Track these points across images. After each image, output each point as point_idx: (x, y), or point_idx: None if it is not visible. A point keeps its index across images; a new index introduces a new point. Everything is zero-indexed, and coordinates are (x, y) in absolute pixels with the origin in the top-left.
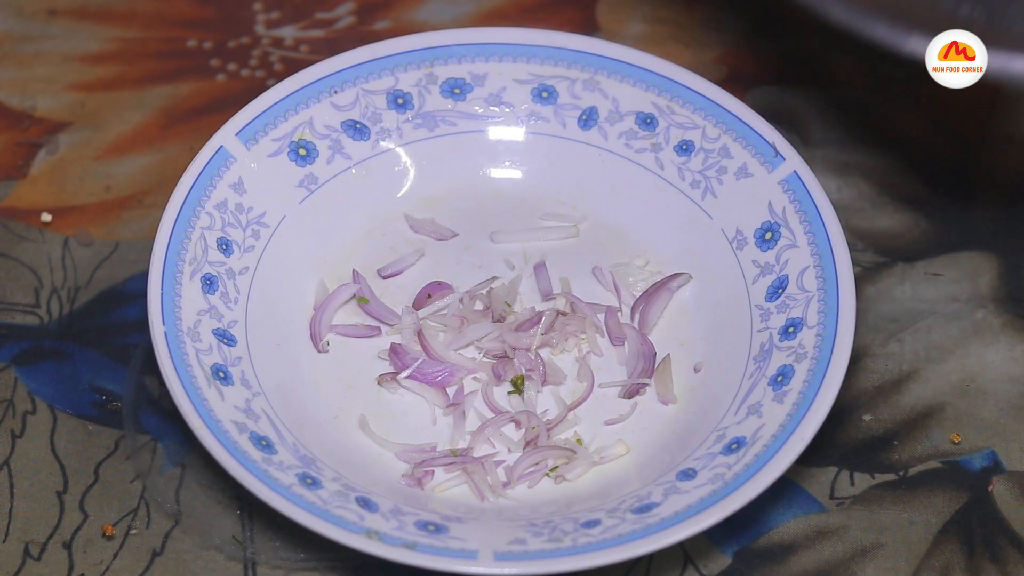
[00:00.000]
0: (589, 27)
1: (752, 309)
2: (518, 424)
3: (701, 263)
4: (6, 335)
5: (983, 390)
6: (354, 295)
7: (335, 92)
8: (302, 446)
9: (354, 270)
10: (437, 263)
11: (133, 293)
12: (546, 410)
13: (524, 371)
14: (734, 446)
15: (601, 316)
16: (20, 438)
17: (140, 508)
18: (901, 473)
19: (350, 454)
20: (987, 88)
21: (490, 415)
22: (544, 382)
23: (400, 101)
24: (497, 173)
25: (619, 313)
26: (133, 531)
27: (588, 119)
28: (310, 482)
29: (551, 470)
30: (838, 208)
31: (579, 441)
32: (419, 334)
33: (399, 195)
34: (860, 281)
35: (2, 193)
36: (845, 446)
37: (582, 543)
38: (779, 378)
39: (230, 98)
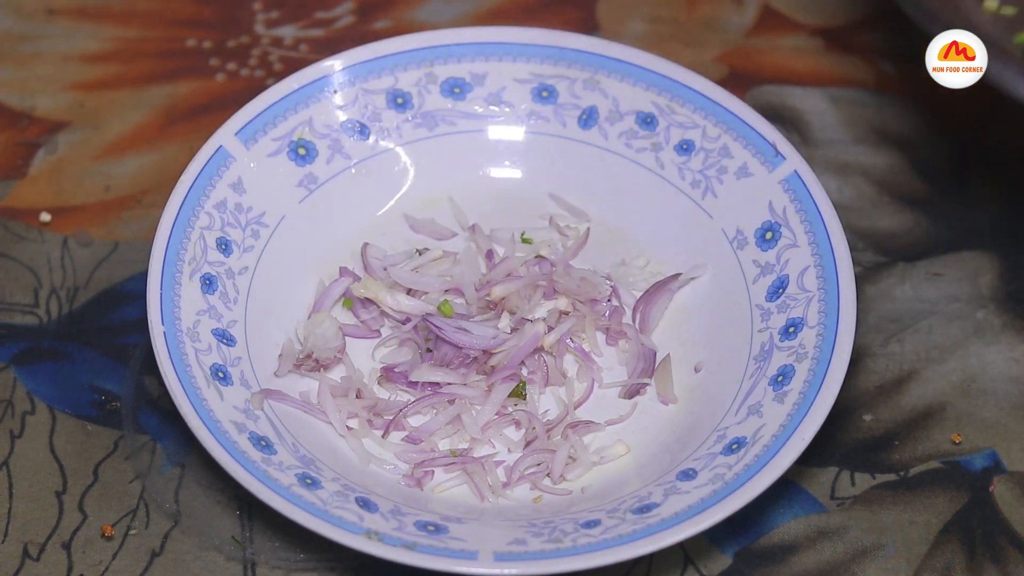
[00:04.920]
0: (589, 27)
1: (752, 309)
2: (518, 425)
3: (701, 263)
4: (5, 335)
5: (984, 390)
6: (344, 294)
7: (335, 92)
8: (301, 446)
9: (342, 267)
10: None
11: (132, 293)
12: (547, 410)
13: (527, 374)
14: (734, 446)
15: (601, 316)
16: (19, 438)
17: (139, 508)
18: (902, 473)
19: (349, 454)
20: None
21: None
22: (547, 383)
23: (400, 101)
24: (497, 173)
25: (620, 313)
26: (132, 531)
27: (588, 119)
28: (309, 482)
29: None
30: (838, 208)
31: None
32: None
33: (399, 195)
34: (860, 281)
35: (1, 193)
36: (846, 446)
37: (582, 543)
38: (779, 378)
39: (229, 98)
